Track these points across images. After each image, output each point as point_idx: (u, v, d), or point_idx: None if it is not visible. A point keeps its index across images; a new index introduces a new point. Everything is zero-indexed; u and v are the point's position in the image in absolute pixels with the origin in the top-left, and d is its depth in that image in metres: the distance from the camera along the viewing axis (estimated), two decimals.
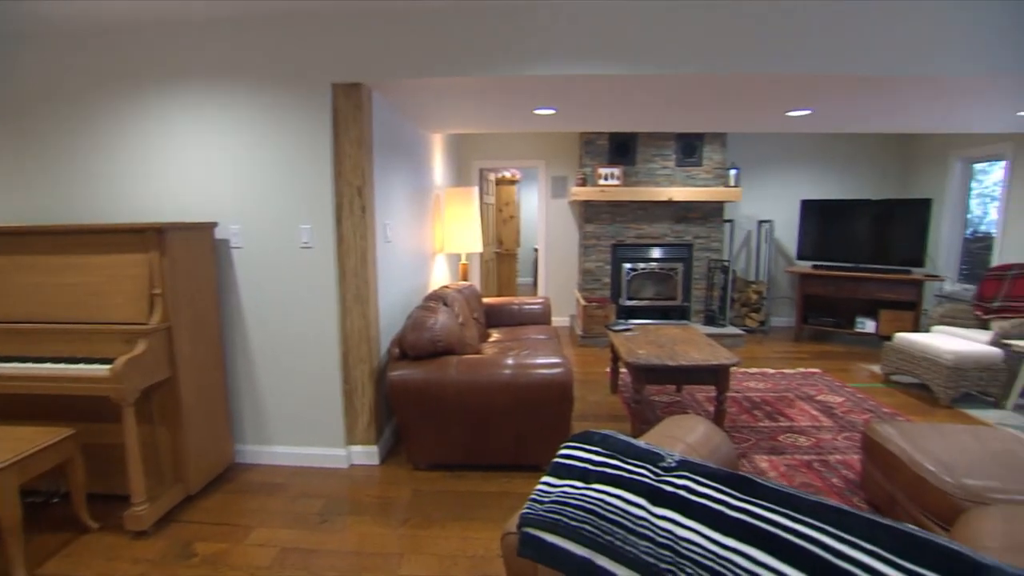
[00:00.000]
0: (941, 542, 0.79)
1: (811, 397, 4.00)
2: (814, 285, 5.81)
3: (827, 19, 2.60)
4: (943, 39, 2.60)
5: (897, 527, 0.81)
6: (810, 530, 0.80)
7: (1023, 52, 2.61)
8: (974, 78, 2.71)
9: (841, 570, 0.75)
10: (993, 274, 4.53)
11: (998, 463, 2.08)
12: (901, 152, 6.41)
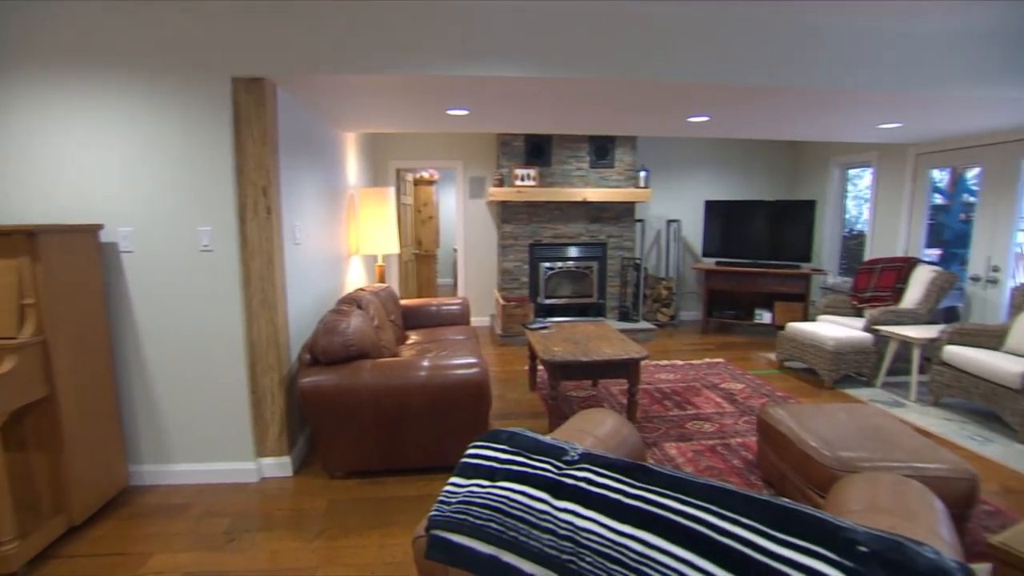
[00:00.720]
0: (807, 512, 0.87)
1: (716, 385, 4.27)
2: (718, 280, 6.21)
3: (724, 34, 2.79)
4: (818, 57, 2.87)
5: (771, 502, 0.89)
6: (697, 511, 0.87)
7: (880, 73, 2.94)
8: (842, 91, 3.01)
9: (722, 545, 0.81)
10: (865, 268, 5.05)
11: (867, 436, 2.33)
12: (791, 158, 6.99)
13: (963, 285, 4.68)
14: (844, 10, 2.72)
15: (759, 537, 0.83)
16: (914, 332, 3.95)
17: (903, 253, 5.25)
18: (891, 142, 5.24)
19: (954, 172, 5.18)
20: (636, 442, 1.85)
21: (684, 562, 0.81)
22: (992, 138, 4.44)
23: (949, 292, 4.38)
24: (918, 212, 5.18)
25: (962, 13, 2.76)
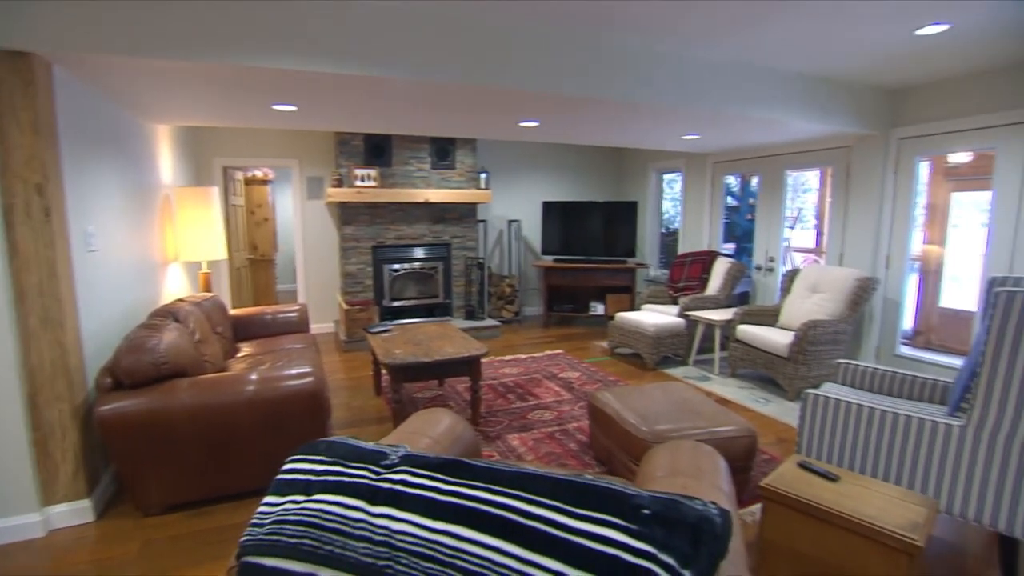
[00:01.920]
0: (603, 486, 0.98)
1: (555, 375, 4.56)
2: (556, 277, 6.61)
3: (552, 48, 2.97)
4: (629, 75, 3.19)
5: (574, 481, 0.98)
6: (507, 499, 0.93)
7: (682, 92, 3.37)
8: (649, 105, 3.39)
9: (528, 528, 0.88)
10: (678, 261, 5.75)
11: (677, 409, 2.66)
12: (616, 162, 7.68)
13: (751, 274, 5.54)
14: (652, 37, 3.06)
15: (561, 515, 0.91)
16: (715, 315, 4.58)
17: (707, 247, 6.06)
18: (694, 151, 6.00)
19: (743, 179, 6.12)
20: (470, 438, 1.92)
21: (494, 549, 0.86)
22: (766, 151, 5.31)
23: (741, 280, 5.16)
24: (716, 212, 6.02)
25: (746, 51, 3.26)
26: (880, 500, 1.91)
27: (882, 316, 4.45)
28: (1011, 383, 1.87)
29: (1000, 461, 1.93)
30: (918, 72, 3.78)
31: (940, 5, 2.63)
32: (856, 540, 1.83)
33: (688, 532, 0.92)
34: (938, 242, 5.64)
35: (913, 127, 4.20)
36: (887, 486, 2.02)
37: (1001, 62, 3.54)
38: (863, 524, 1.80)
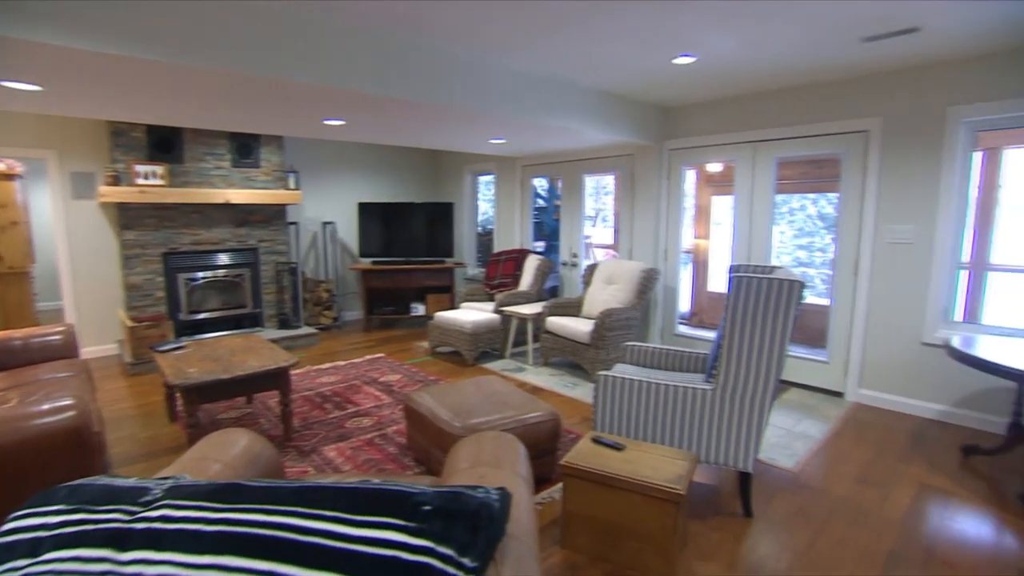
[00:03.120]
0: (387, 488, 0.99)
1: (375, 380, 4.46)
2: (375, 279, 6.46)
3: (357, 45, 2.88)
4: (436, 78, 3.24)
5: (358, 488, 0.98)
6: (283, 517, 0.89)
7: (487, 98, 3.52)
8: (455, 108, 3.49)
9: (304, 545, 0.85)
10: (493, 259, 6.01)
11: (488, 401, 2.79)
12: (433, 164, 7.75)
13: (558, 269, 6.02)
14: (457, 42, 3.13)
15: (341, 526, 0.89)
16: (527, 309, 4.89)
17: (519, 246, 6.43)
18: (504, 155, 6.32)
19: (552, 181, 6.60)
20: (271, 457, 1.79)
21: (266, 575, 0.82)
22: (567, 156, 5.81)
23: (549, 275, 5.57)
24: (526, 212, 6.41)
25: (544, 63, 3.51)
26: (654, 461, 2.22)
27: (663, 302, 5.16)
28: (743, 351, 2.30)
29: (737, 415, 2.37)
30: (681, 94, 4.45)
31: (688, 41, 3.12)
32: (637, 498, 2.10)
33: (468, 521, 0.97)
34: (705, 237, 6.71)
35: (680, 140, 4.93)
36: (661, 448, 2.35)
37: (733, 92, 4.32)
38: (640, 483, 2.07)
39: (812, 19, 2.81)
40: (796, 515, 2.54)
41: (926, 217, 3.64)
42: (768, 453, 3.15)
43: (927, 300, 3.66)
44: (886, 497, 2.70)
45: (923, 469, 2.99)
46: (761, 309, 2.24)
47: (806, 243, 7.32)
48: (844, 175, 4.00)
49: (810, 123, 4.12)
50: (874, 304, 3.90)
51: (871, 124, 3.83)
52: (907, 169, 3.71)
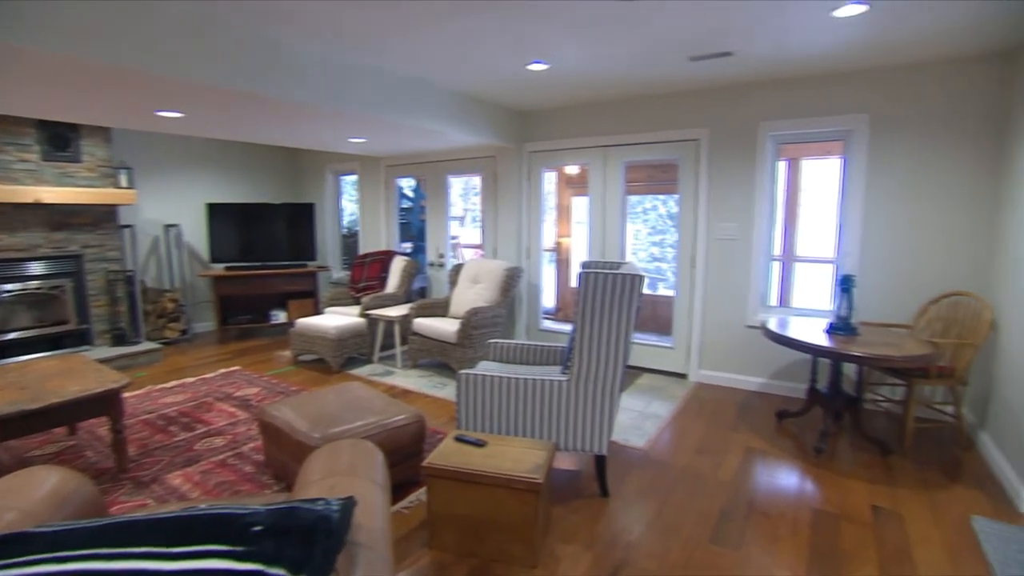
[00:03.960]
0: (212, 512, 0.93)
1: (230, 395, 4.12)
2: (229, 286, 5.96)
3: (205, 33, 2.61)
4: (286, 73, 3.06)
5: (175, 516, 0.91)
6: (79, 563, 0.80)
7: (342, 93, 3.39)
8: (306, 105, 3.33)
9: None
10: (358, 261, 5.83)
11: (349, 408, 2.71)
12: (292, 163, 7.30)
13: (426, 270, 6.00)
14: (310, 36, 2.98)
15: (154, 562, 0.83)
16: (394, 312, 4.81)
17: (385, 247, 6.30)
18: (367, 154, 6.15)
19: (419, 181, 6.53)
20: (88, 495, 1.59)
21: None
22: (431, 157, 5.80)
23: (416, 276, 5.53)
24: (391, 213, 6.30)
25: (406, 63, 3.45)
26: (515, 453, 2.31)
27: (528, 298, 5.37)
28: (593, 342, 2.47)
29: (591, 402, 2.54)
30: (538, 98, 4.64)
31: (540, 48, 3.27)
32: (499, 491, 2.17)
33: (303, 537, 0.94)
34: (567, 235, 7.07)
35: (538, 143, 5.14)
36: (521, 440, 2.45)
37: (585, 99, 4.61)
38: (500, 476, 2.15)
39: (647, 37, 3.09)
40: (646, 489, 2.79)
41: (746, 216, 4.18)
42: (623, 435, 3.41)
43: (749, 288, 4.21)
44: (719, 463, 3.06)
45: (748, 435, 3.43)
46: (608, 302, 2.42)
47: (659, 240, 8.02)
48: (681, 179, 4.45)
49: (651, 131, 4.52)
50: (709, 293, 4.39)
51: (700, 134, 4.29)
52: (730, 174, 4.22)
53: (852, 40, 3.12)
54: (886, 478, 2.88)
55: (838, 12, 2.73)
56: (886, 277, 3.74)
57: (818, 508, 2.60)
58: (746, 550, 2.29)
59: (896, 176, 3.67)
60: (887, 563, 2.21)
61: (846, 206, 3.84)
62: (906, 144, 3.62)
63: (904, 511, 2.58)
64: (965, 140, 3.46)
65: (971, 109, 3.43)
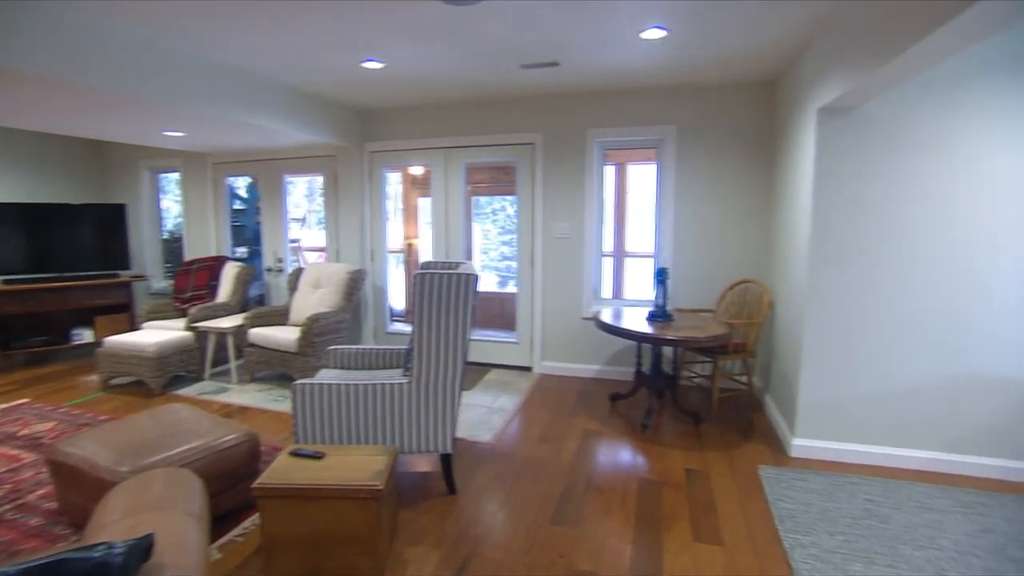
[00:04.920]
0: None
1: (13, 435, 3.47)
2: (13, 303, 5.00)
3: None
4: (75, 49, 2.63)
5: None
6: None
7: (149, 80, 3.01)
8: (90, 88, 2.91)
9: None
10: (183, 269, 5.24)
11: (169, 434, 2.44)
12: (96, 158, 6.29)
13: (263, 276, 5.58)
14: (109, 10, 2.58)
15: None
16: (226, 323, 4.41)
17: (215, 252, 5.74)
18: (190, 150, 5.53)
19: (255, 180, 6.03)
20: None
21: None
22: (264, 155, 5.40)
23: (252, 283, 5.12)
24: (222, 215, 5.75)
25: (238, 54, 3.14)
26: (355, 462, 2.26)
27: (374, 301, 5.25)
28: (432, 341, 2.50)
29: (433, 402, 2.57)
30: (377, 97, 4.54)
31: (372, 46, 3.21)
32: (339, 503, 2.10)
33: None
34: (415, 236, 7.03)
35: (380, 143, 5.04)
36: (362, 448, 2.40)
37: (425, 100, 4.62)
38: (339, 488, 2.08)
39: (478, 43, 3.18)
40: (493, 481, 2.88)
41: (578, 216, 4.50)
42: (471, 431, 3.49)
43: (583, 283, 4.54)
44: (560, 448, 3.27)
45: (585, 419, 3.71)
46: (444, 302, 2.46)
47: (509, 239, 8.32)
48: (519, 180, 4.66)
49: (490, 133, 4.67)
50: (547, 289, 4.66)
51: (535, 138, 4.53)
52: (563, 177, 4.51)
53: (659, 59, 3.50)
54: (697, 444, 3.31)
55: (644, 34, 3.05)
56: (695, 268, 4.27)
57: (644, 478, 2.90)
58: (583, 526, 2.48)
59: (699, 181, 4.21)
60: (697, 517, 2.53)
61: (661, 206, 4.32)
62: (706, 153, 4.17)
63: (711, 470, 2.98)
64: (748, 153, 4.08)
65: (751, 126, 4.05)
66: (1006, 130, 2.70)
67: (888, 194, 2.87)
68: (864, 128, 2.86)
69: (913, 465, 2.99)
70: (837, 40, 2.66)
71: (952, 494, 2.71)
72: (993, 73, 2.69)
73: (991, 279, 2.79)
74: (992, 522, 2.48)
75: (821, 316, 3.02)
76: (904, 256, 2.88)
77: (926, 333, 2.90)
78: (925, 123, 2.78)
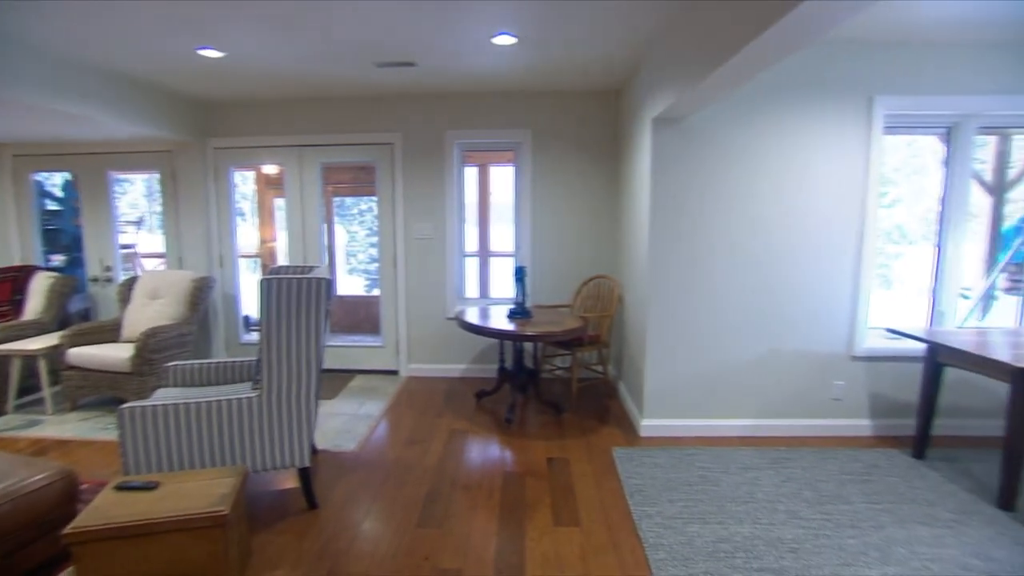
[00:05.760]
0: None
1: None
2: None
3: None
4: None
5: None
6: None
7: None
8: None
9: None
10: None
11: None
12: None
13: (87, 287, 4.88)
14: None
15: None
16: (36, 344, 3.80)
17: (20, 261, 4.91)
18: None
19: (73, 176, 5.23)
20: None
21: None
22: (82, 148, 4.71)
23: (72, 296, 4.46)
24: (28, 217, 4.93)
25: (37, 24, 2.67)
26: (196, 489, 2.07)
27: (225, 311, 4.84)
28: (282, 351, 2.36)
29: (286, 415, 2.43)
30: (220, 89, 4.17)
31: (208, 32, 2.95)
32: (177, 537, 1.91)
33: None
34: (272, 240, 6.59)
35: (226, 139, 4.64)
36: (206, 472, 2.21)
37: (276, 95, 4.34)
38: (177, 519, 1.90)
39: (329, 38, 3.06)
40: (357, 490, 2.80)
41: (439, 217, 4.52)
42: (334, 441, 3.36)
43: (446, 284, 4.58)
44: (427, 450, 3.27)
45: (452, 419, 3.74)
46: (294, 308, 2.34)
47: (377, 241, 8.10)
48: (379, 181, 4.56)
49: (348, 132, 4.51)
50: (411, 290, 4.63)
51: (395, 138, 4.47)
52: (423, 178, 4.50)
53: (513, 65, 3.63)
54: (559, 433, 3.49)
55: (496, 40, 3.14)
56: (552, 266, 4.50)
57: (509, 471, 3.00)
58: (449, 525, 2.50)
59: (554, 182, 4.43)
60: (557, 502, 2.68)
61: (519, 207, 4.48)
62: (560, 156, 4.40)
63: (570, 457, 3.16)
64: (598, 156, 4.38)
65: (600, 132, 4.35)
66: (795, 139, 3.19)
67: (709, 195, 3.25)
68: (690, 137, 3.21)
69: (737, 432, 3.42)
70: (663, 59, 2.95)
71: (766, 453, 3.15)
72: (787, 94, 3.16)
73: (790, 270, 3.28)
74: (793, 472, 2.92)
75: (661, 307, 3.34)
76: (726, 252, 3.28)
77: (741, 317, 3.33)
78: (737, 134, 3.19)
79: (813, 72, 3.15)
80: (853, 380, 3.40)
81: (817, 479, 2.85)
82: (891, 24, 2.87)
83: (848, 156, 3.21)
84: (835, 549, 2.26)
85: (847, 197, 3.24)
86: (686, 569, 2.14)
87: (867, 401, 3.43)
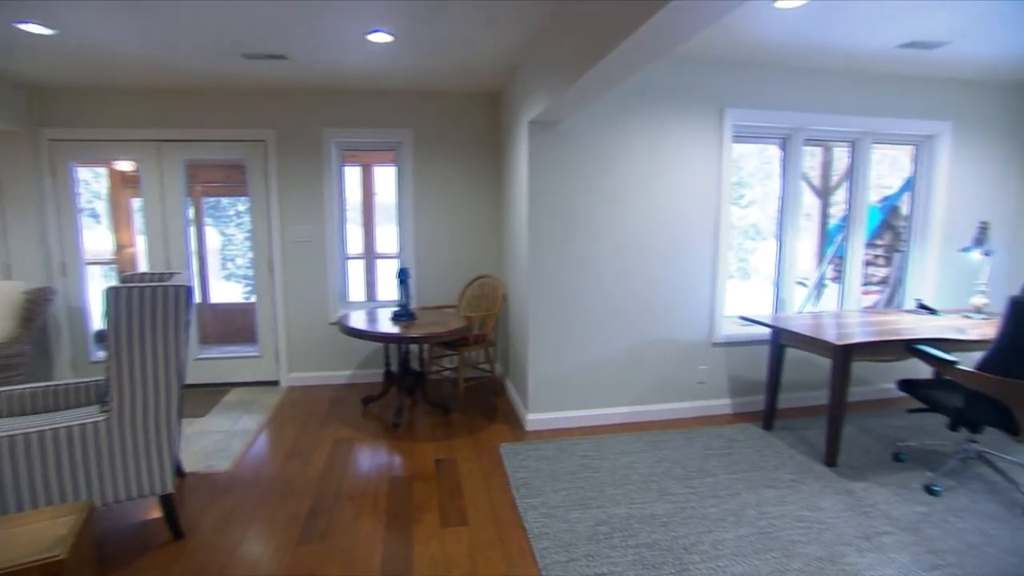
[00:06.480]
0: None
1: None
2: None
3: None
4: None
5: None
6: None
7: None
8: None
9: None
10: None
11: None
12: None
13: None
14: None
15: None
16: None
17: None
18: None
19: None
20: None
21: None
22: None
23: None
24: None
25: None
26: (25, 534, 1.82)
27: (70, 326, 4.28)
28: (136, 367, 2.14)
29: (142, 438, 2.21)
30: (54, 72, 3.69)
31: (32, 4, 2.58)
32: None
33: None
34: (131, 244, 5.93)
35: (65, 130, 4.10)
36: (39, 513, 1.95)
37: (128, 83, 3.91)
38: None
39: (185, 22, 2.82)
40: (231, 513, 2.61)
41: (318, 219, 4.34)
42: (205, 461, 3.11)
43: (328, 287, 4.40)
44: (308, 462, 3.12)
45: (336, 427, 3.61)
46: (147, 319, 2.13)
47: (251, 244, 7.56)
48: (250, 180, 4.28)
49: (215, 127, 4.18)
50: (290, 296, 4.40)
51: (267, 135, 4.21)
52: (300, 177, 4.29)
53: (393, 64, 3.56)
54: (447, 434, 3.49)
55: (371, 37, 3.07)
56: (436, 267, 4.49)
57: (396, 476, 2.95)
58: (333, 539, 2.41)
59: (437, 183, 4.42)
60: (445, 504, 2.68)
61: (401, 207, 4.42)
62: (443, 157, 4.40)
63: (458, 456, 3.18)
64: (480, 157, 4.43)
65: (482, 133, 4.41)
66: (659, 145, 3.46)
67: (584, 197, 3.42)
68: (564, 140, 3.35)
69: (616, 420, 3.64)
70: (538, 63, 3.06)
71: (643, 437, 3.38)
72: (651, 105, 3.41)
73: (657, 267, 3.55)
74: (666, 453, 3.16)
75: (542, 304, 3.46)
76: (600, 251, 3.47)
77: (615, 311, 3.55)
78: (607, 140, 3.39)
79: (674, 86, 3.43)
80: (714, 364, 3.75)
81: (686, 457, 3.11)
82: (739, 46, 3.20)
83: (705, 161, 3.53)
84: (699, 518, 2.49)
85: (705, 198, 3.57)
86: (568, 554, 2.24)
87: (727, 383, 3.80)
